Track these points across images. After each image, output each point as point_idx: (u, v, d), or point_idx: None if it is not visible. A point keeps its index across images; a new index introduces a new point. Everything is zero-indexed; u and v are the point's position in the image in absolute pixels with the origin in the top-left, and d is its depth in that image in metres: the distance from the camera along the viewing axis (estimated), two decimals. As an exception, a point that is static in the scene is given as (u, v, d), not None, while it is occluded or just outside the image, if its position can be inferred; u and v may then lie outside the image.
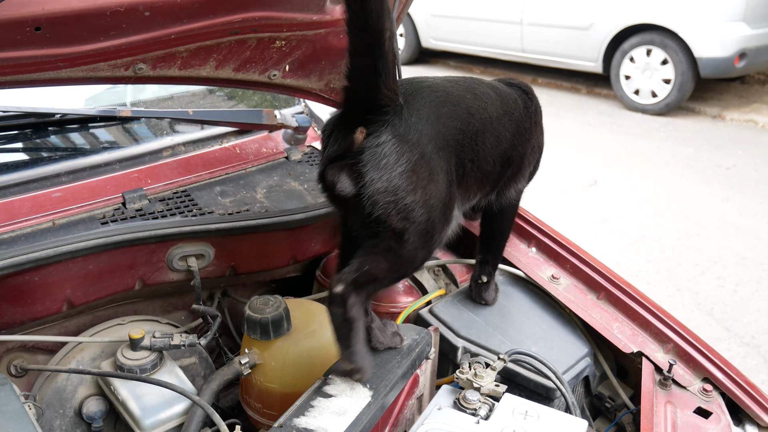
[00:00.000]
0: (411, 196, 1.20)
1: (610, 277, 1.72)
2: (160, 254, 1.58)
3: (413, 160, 1.21)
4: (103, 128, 1.92)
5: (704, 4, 7.23)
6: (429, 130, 1.26)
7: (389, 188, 1.18)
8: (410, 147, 1.21)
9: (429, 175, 1.24)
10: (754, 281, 4.42)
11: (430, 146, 1.25)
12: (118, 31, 1.47)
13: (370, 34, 1.13)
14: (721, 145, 6.92)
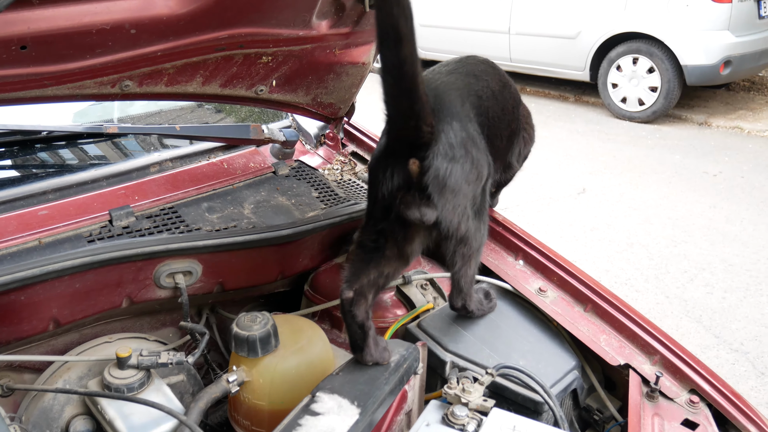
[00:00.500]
0: (470, 203, 1.41)
1: (597, 289, 1.73)
2: (147, 271, 1.58)
3: (466, 173, 1.36)
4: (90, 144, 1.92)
5: (689, 13, 7.30)
6: (465, 136, 1.38)
7: (456, 205, 1.36)
8: (461, 163, 1.34)
9: (478, 178, 1.42)
10: (741, 288, 4.44)
11: (472, 150, 1.39)
12: (104, 48, 1.47)
13: (406, 81, 1.21)
14: (707, 152, 6.97)
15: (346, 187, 2.06)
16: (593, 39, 7.95)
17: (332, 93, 1.99)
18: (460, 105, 1.45)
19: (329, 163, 2.20)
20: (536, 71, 8.73)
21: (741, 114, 8.21)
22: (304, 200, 1.91)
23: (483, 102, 1.55)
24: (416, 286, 1.78)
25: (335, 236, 1.89)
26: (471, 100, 1.51)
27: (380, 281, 1.46)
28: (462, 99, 1.47)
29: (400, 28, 1.15)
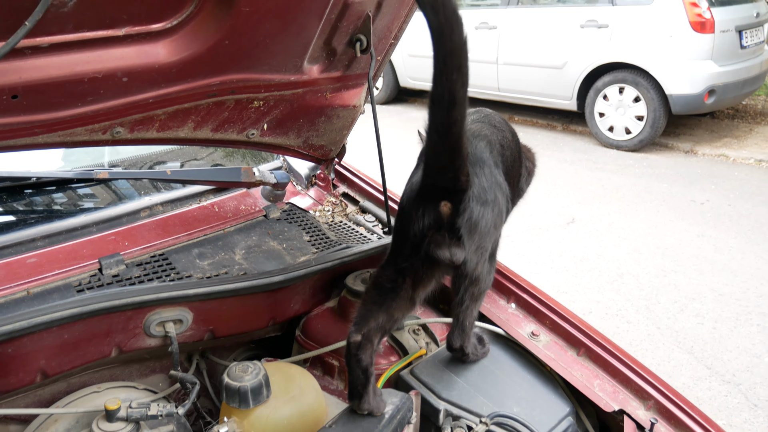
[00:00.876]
0: (491, 246, 1.50)
1: (590, 332, 1.72)
2: (137, 321, 1.56)
3: (495, 217, 1.44)
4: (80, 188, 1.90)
5: (673, 44, 7.40)
6: (494, 182, 1.47)
7: (480, 247, 1.43)
8: (491, 207, 1.42)
9: (502, 221, 1.52)
10: (732, 318, 4.45)
11: (499, 195, 1.47)
12: (95, 96, 1.47)
13: (452, 140, 1.27)
14: (694, 180, 7.03)
15: (338, 229, 2.05)
16: (579, 69, 8.04)
17: (323, 135, 1.99)
18: (489, 153, 1.53)
19: (320, 204, 2.20)
20: (524, 101, 8.81)
21: (726, 142, 8.30)
22: (295, 244, 1.90)
23: (504, 150, 1.65)
24: (408, 332, 1.77)
25: (327, 280, 1.87)
26: (496, 148, 1.60)
27: (388, 325, 1.48)
28: (490, 147, 1.56)
29: (457, 93, 1.21)
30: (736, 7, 7.82)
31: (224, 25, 1.45)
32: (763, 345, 4.15)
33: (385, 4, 1.69)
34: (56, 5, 1.22)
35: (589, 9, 8.01)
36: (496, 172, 1.51)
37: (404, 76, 9.90)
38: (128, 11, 1.34)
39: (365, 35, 1.70)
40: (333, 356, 1.75)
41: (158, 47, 1.44)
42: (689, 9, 7.26)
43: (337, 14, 1.62)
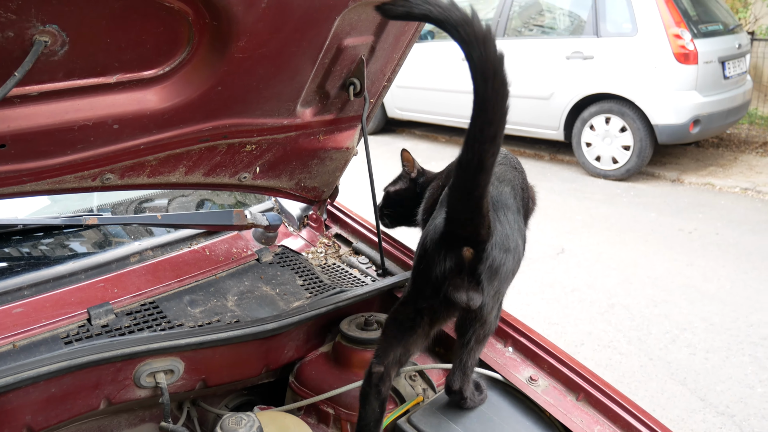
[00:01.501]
0: (505, 289, 1.54)
1: (589, 377, 1.69)
2: (126, 372, 1.52)
3: (514, 263, 1.49)
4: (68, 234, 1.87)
5: (657, 74, 7.50)
6: (516, 228, 1.52)
7: (498, 292, 1.49)
8: (512, 255, 1.46)
9: (519, 266, 1.55)
10: (723, 348, 4.44)
11: (519, 240, 1.53)
12: (85, 144, 1.45)
13: (474, 201, 1.30)
14: (681, 209, 7.07)
15: (331, 272, 2.02)
16: (566, 100, 8.12)
17: (316, 177, 1.97)
18: (513, 198, 1.58)
19: (313, 246, 2.17)
20: (511, 131, 8.87)
21: (711, 170, 8.37)
22: (288, 289, 1.87)
23: (523, 193, 1.73)
24: (405, 378, 1.73)
25: (321, 325, 1.84)
26: (518, 192, 1.66)
27: (404, 359, 1.53)
28: (513, 192, 1.61)
29: (486, 162, 1.24)
30: (719, 39, 7.95)
31: (217, 71, 1.43)
32: (756, 375, 4.14)
33: (378, 48, 1.68)
34: (46, 54, 1.21)
35: (574, 41, 8.11)
36: (518, 218, 1.57)
37: (392, 106, 9.95)
38: (120, 58, 1.32)
39: (359, 79, 1.70)
40: (328, 404, 1.71)
41: (150, 94, 1.43)
42: (673, 41, 7.37)
43: (331, 58, 1.61)
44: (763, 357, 4.34)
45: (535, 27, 8.84)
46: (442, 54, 9.23)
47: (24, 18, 1.11)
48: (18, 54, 1.17)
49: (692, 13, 7.90)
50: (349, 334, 1.77)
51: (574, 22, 8.45)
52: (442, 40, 9.52)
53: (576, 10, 8.48)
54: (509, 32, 8.74)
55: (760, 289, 5.25)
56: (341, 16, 1.48)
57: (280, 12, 1.36)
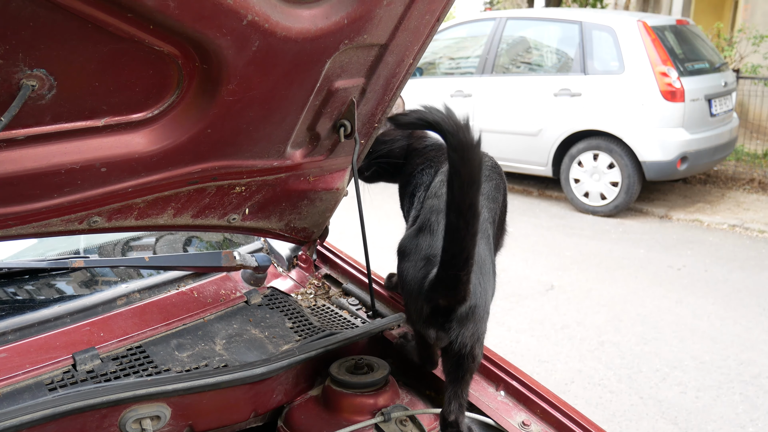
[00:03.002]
0: (484, 327, 1.60)
1: (581, 422, 1.67)
2: (112, 419, 1.48)
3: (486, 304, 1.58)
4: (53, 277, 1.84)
5: (645, 112, 7.59)
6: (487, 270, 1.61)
7: (476, 331, 1.55)
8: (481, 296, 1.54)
9: (491, 301, 1.63)
10: (714, 386, 4.43)
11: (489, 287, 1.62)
12: (72, 187, 1.43)
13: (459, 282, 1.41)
14: (670, 246, 7.09)
15: (320, 314, 2.00)
16: (554, 136, 8.19)
17: (306, 218, 1.96)
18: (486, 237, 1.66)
19: (302, 287, 2.15)
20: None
21: (699, 207, 8.43)
22: (277, 332, 1.84)
23: (501, 218, 1.84)
24: (396, 423, 1.70)
25: (310, 369, 1.81)
26: (492, 224, 1.74)
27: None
28: (489, 227, 1.70)
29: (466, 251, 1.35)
30: (705, 77, 8.08)
31: (206, 114, 1.43)
32: (747, 415, 4.12)
33: (369, 90, 1.69)
34: (34, 98, 1.20)
35: (562, 78, 8.22)
36: (490, 253, 1.66)
37: (381, 142, 9.99)
38: (108, 102, 1.31)
39: (349, 120, 1.70)
40: (317, 449, 1.68)
41: (138, 137, 1.42)
42: (660, 79, 7.47)
43: (322, 101, 1.61)
44: (753, 396, 4.32)
45: (523, 64, 8.96)
46: (431, 90, 9.32)
47: (11, 62, 1.11)
48: (5, 98, 1.16)
49: (678, 51, 8.03)
50: (339, 378, 1.74)
51: (562, 59, 8.57)
52: (430, 76, 9.62)
53: (563, 48, 8.61)
54: (497, 69, 8.84)
55: (750, 327, 5.25)
56: (332, 59, 1.48)
57: (271, 55, 1.36)
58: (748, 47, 11.40)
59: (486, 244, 1.65)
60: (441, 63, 9.80)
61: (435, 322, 1.52)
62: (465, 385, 1.61)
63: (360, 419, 1.69)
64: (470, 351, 1.55)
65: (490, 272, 1.63)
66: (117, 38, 1.18)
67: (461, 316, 1.50)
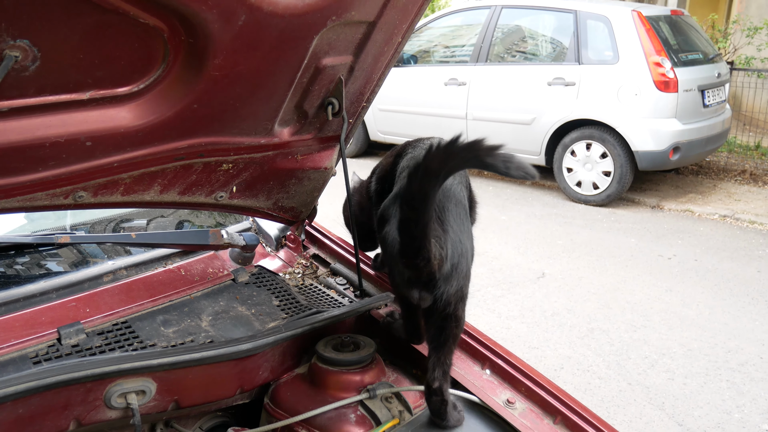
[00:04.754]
0: (467, 288, 1.62)
1: (565, 400, 1.69)
2: (97, 393, 1.48)
3: (467, 265, 1.60)
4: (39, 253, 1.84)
5: (638, 102, 7.59)
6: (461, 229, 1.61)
7: (460, 290, 1.58)
8: (462, 255, 1.58)
9: (471, 262, 1.64)
10: (702, 373, 4.46)
11: (467, 242, 1.62)
12: (57, 161, 1.42)
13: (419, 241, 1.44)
14: (661, 235, 7.12)
15: (308, 293, 2.01)
16: (547, 125, 8.19)
17: (294, 197, 1.96)
18: (462, 202, 1.67)
19: (290, 266, 2.15)
20: (493, 155, 8.90)
21: (691, 197, 8.46)
22: (264, 310, 1.84)
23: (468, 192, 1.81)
24: (381, 400, 1.71)
25: (296, 346, 1.82)
26: (466, 187, 1.75)
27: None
28: (460, 196, 1.69)
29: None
30: (699, 68, 8.08)
31: (193, 89, 1.42)
32: (733, 401, 4.15)
33: (357, 68, 1.68)
34: (17, 69, 1.19)
35: (556, 67, 8.21)
36: (467, 219, 1.67)
37: (374, 130, 9.98)
38: (93, 75, 1.31)
39: (337, 99, 1.70)
40: (303, 426, 1.68)
41: (124, 111, 1.41)
42: (653, 69, 7.47)
43: (309, 78, 1.61)
44: (740, 383, 4.36)
45: (518, 53, 8.95)
46: (425, 78, 9.31)
47: None
48: (-13, 70, 1.15)
49: (672, 42, 8.03)
50: (325, 355, 1.75)
51: (557, 49, 8.57)
52: (425, 65, 9.60)
53: (558, 37, 8.60)
54: (492, 58, 8.83)
55: (738, 316, 5.29)
56: (319, 36, 1.48)
57: (258, 30, 1.36)
58: (742, 39, 11.41)
59: (462, 204, 1.66)
60: (436, 51, 9.78)
61: (417, 282, 1.54)
62: (448, 352, 1.62)
63: (345, 396, 1.70)
64: (454, 311, 1.58)
65: (469, 232, 1.66)
66: (101, 10, 1.17)
67: (446, 274, 1.52)
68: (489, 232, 6.96)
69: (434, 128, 9.09)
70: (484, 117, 8.63)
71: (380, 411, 1.69)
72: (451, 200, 1.62)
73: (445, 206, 1.60)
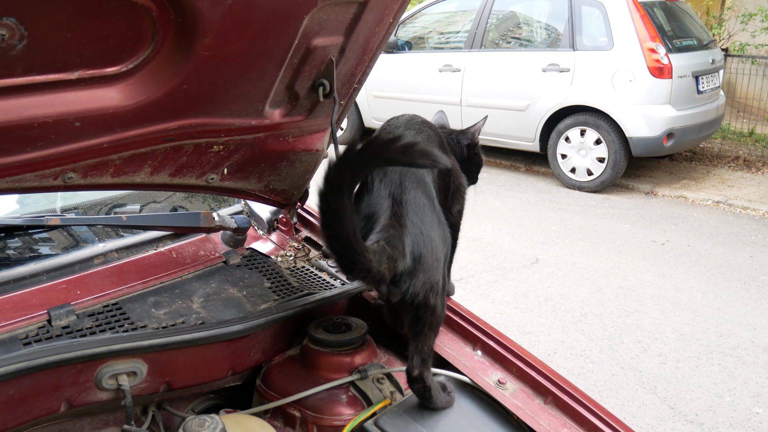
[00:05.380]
0: (437, 277, 1.57)
1: (556, 380, 1.70)
2: (87, 374, 1.49)
3: (432, 255, 1.56)
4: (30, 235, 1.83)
5: (633, 88, 7.59)
6: (424, 220, 1.57)
7: (428, 281, 1.55)
8: (427, 246, 1.54)
9: (442, 250, 1.61)
10: (693, 357, 4.49)
11: (432, 231, 1.58)
12: (46, 141, 1.41)
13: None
14: (654, 221, 7.14)
15: (300, 275, 2.01)
16: (542, 111, 8.19)
17: (285, 179, 1.96)
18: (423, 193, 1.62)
19: (282, 249, 2.15)
20: (488, 142, 8.91)
21: (685, 183, 8.48)
22: (256, 291, 1.84)
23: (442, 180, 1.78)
24: (372, 381, 1.72)
25: (288, 328, 1.82)
26: (426, 181, 1.66)
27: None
28: (424, 186, 1.63)
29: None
30: (693, 54, 8.08)
31: (182, 70, 1.41)
32: (724, 384, 4.19)
33: (348, 49, 1.68)
34: (4, 48, 1.18)
35: (550, 53, 8.20)
36: (431, 208, 1.62)
37: (369, 116, 9.96)
38: (81, 55, 1.30)
39: (328, 80, 1.69)
40: (295, 407, 1.69)
41: (113, 91, 1.40)
42: (648, 55, 7.47)
43: (300, 59, 1.60)
44: (731, 366, 4.39)
45: (513, 39, 8.92)
46: (420, 65, 9.28)
47: None
48: (-27, 50, 1.14)
49: (667, 28, 8.02)
50: (317, 337, 1.76)
51: (551, 35, 8.55)
52: (419, 51, 9.57)
53: (553, 23, 8.57)
54: (486, 44, 8.81)
55: (730, 300, 5.32)
56: (310, 16, 1.47)
57: (247, 9, 1.35)
58: (736, 25, 11.39)
59: (423, 192, 1.62)
60: (430, 37, 9.75)
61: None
62: (425, 339, 1.60)
63: (337, 377, 1.71)
64: (424, 301, 1.55)
65: (434, 220, 1.61)
66: (89, -13, 1.16)
67: (408, 269, 1.50)
68: (483, 218, 6.97)
69: (429, 115, 9.05)
70: (479, 103, 8.62)
71: (371, 392, 1.70)
72: (409, 191, 1.57)
73: (402, 199, 1.55)
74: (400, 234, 1.50)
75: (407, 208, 1.54)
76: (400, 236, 1.50)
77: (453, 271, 1.98)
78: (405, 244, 1.50)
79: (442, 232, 1.65)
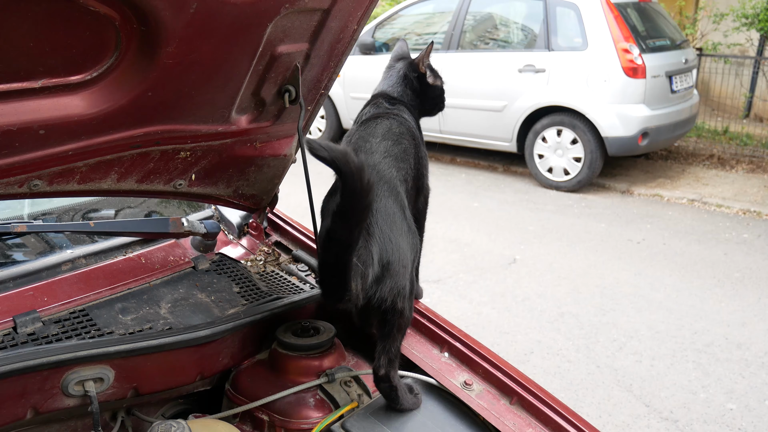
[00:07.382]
0: (403, 282, 1.61)
1: (522, 381, 1.72)
2: (53, 380, 1.49)
3: (400, 262, 1.60)
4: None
5: (607, 88, 7.66)
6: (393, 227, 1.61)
7: (395, 287, 1.59)
8: (394, 253, 1.59)
9: (409, 257, 1.65)
10: (668, 355, 4.55)
11: (401, 239, 1.62)
12: (10, 149, 1.42)
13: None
14: (630, 220, 7.21)
15: (269, 279, 2.02)
16: (519, 112, 8.24)
17: (254, 185, 1.97)
18: (393, 200, 1.66)
19: (252, 254, 2.16)
20: (466, 143, 8.96)
21: (660, 182, 8.57)
22: (224, 296, 1.85)
23: (408, 176, 1.82)
24: (340, 384, 1.74)
25: (257, 333, 1.84)
26: (402, 170, 1.77)
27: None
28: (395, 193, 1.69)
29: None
30: (666, 54, 8.17)
31: (146, 77, 1.42)
32: (699, 381, 4.24)
33: (313, 56, 1.69)
34: None
35: (527, 54, 8.26)
36: (401, 215, 1.66)
37: (347, 117, 9.98)
38: (44, 63, 1.30)
39: (294, 86, 1.70)
40: (263, 411, 1.71)
41: (77, 99, 1.41)
42: (622, 55, 7.55)
43: (265, 66, 1.61)
44: (706, 363, 4.45)
45: (490, 40, 8.97)
46: (398, 66, 9.28)
47: None
48: (-66, 58, 1.14)
49: (640, 28, 8.11)
50: (285, 341, 1.77)
51: (527, 36, 8.61)
52: (397, 52, 9.58)
53: (528, 24, 8.64)
54: (463, 45, 8.85)
55: (705, 298, 5.39)
56: (273, 23, 1.48)
57: (210, 18, 1.36)
58: (709, 25, 11.53)
59: (395, 201, 1.66)
60: (408, 39, 9.74)
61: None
62: (393, 340, 1.64)
63: (305, 380, 1.73)
64: (391, 305, 1.59)
65: (403, 228, 1.65)
66: (51, -3, 1.17)
67: (376, 275, 1.55)
68: (461, 219, 7.01)
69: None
70: (456, 104, 8.64)
71: (339, 395, 1.71)
72: (380, 199, 1.62)
73: (374, 207, 1.59)
74: (367, 243, 1.55)
75: (377, 216, 1.58)
76: (368, 245, 1.54)
77: (431, 272, 2.01)
78: (373, 253, 1.54)
79: (411, 239, 1.68)
